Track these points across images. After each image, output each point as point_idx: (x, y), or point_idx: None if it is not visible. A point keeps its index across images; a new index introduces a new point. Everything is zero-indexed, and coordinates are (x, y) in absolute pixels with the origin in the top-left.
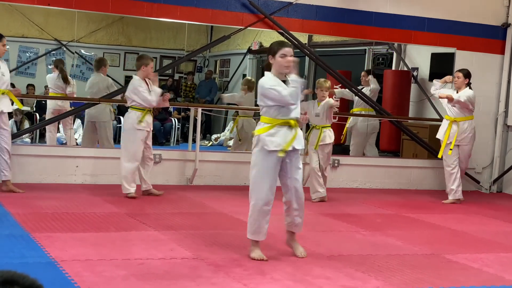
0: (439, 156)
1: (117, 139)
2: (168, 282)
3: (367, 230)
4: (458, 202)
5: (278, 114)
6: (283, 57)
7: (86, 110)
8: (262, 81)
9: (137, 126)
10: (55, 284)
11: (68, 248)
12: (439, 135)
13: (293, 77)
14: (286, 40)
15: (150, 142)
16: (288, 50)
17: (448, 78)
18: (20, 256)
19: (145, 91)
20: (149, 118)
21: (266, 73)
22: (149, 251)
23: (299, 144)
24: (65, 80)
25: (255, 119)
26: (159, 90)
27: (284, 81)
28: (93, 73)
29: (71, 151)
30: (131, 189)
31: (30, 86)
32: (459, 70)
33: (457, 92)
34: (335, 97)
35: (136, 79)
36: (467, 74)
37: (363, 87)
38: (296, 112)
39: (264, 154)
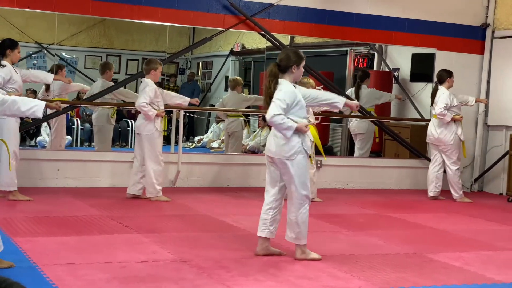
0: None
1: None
2: (151, 284)
3: (349, 230)
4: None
5: None
6: (303, 67)
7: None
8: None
9: (159, 129)
10: None
11: (50, 252)
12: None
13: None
14: (298, 50)
15: None
16: None
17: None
18: None
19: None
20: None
21: (285, 81)
22: (131, 254)
23: None
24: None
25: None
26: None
27: None
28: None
29: (53, 155)
30: (161, 192)
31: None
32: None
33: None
34: None
35: (150, 82)
36: None
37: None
38: None
39: (307, 160)
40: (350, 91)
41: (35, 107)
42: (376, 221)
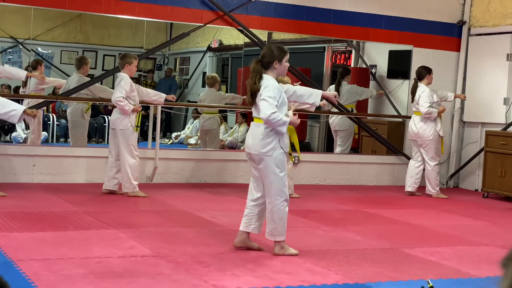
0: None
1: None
2: (128, 280)
3: (327, 225)
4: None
5: None
6: (287, 62)
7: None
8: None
9: (134, 124)
10: (12, 284)
11: (26, 247)
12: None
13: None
14: (281, 45)
15: None
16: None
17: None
18: None
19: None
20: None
21: (268, 76)
22: (108, 250)
23: None
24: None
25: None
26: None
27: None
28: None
29: (28, 150)
30: (137, 187)
31: None
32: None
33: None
34: None
35: (125, 76)
36: None
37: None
38: None
39: (284, 156)
40: (331, 87)
41: (13, 112)
42: (353, 216)
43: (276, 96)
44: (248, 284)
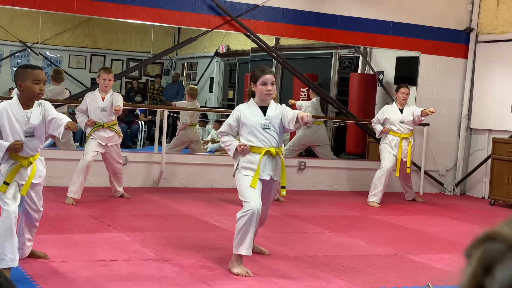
0: (397, 175)
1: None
2: (132, 283)
3: (332, 231)
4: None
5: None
6: (264, 85)
7: None
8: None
9: None
10: (17, 286)
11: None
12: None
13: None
14: (267, 67)
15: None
16: (269, 77)
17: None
18: None
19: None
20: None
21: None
22: (113, 253)
23: None
24: None
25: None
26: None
27: (266, 107)
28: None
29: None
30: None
31: None
32: (406, 86)
33: (401, 109)
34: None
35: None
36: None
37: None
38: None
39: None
40: None
41: None
42: (359, 222)
43: (230, 120)
44: None
